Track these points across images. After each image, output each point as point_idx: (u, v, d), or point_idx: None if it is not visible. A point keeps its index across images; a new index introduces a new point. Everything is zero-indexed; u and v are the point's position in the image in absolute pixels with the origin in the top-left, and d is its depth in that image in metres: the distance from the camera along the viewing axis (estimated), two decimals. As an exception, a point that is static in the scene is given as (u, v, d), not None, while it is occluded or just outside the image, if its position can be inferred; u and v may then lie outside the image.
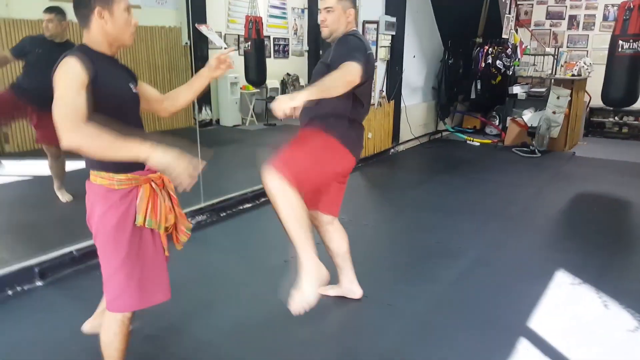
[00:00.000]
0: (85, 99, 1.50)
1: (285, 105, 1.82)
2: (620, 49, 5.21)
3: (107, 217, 1.66)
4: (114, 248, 1.69)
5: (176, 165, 1.50)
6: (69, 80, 1.50)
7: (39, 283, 2.84)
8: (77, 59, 1.53)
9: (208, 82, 2.04)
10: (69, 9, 1.89)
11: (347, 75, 2.03)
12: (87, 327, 2.21)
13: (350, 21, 2.35)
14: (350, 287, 2.69)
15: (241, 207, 4.23)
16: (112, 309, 1.76)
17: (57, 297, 2.73)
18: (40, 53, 3.50)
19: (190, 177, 1.52)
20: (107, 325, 1.81)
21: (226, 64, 2.00)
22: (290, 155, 2.22)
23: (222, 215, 4.05)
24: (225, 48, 7.75)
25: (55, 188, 3.93)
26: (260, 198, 4.42)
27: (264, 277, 3.00)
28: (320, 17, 2.36)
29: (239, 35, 8.00)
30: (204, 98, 7.50)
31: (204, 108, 7.49)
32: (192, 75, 7.47)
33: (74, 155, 1.52)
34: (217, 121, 7.98)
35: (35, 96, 3.43)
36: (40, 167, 4.17)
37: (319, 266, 2.09)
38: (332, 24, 2.31)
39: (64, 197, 3.93)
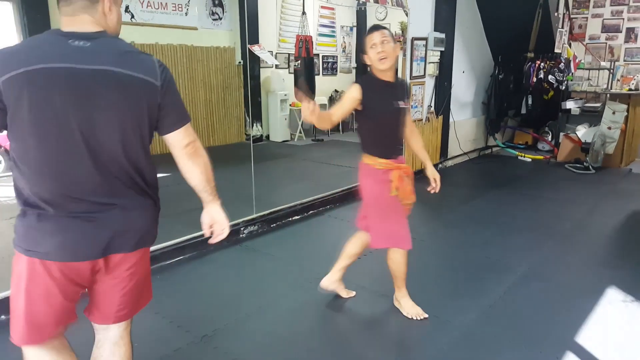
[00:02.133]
0: None
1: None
2: (680, 62, 5.04)
3: (370, 185, 2.57)
4: (375, 206, 2.59)
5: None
6: None
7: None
8: None
9: None
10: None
11: None
12: (325, 283, 2.92)
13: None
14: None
15: (290, 219, 4.38)
16: (377, 244, 2.62)
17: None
18: None
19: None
20: (394, 256, 2.67)
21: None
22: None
23: (272, 226, 4.21)
24: (276, 66, 8.05)
25: None
26: (308, 210, 4.57)
27: (312, 286, 3.10)
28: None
29: (289, 54, 8.27)
30: (255, 114, 7.80)
31: (255, 124, 7.77)
32: (244, 93, 7.82)
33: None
34: (267, 137, 8.24)
35: None
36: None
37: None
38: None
39: None
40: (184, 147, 1.57)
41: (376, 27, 2.47)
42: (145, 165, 1.54)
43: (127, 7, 5.65)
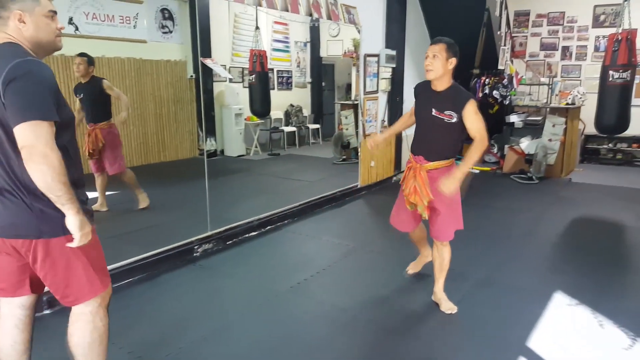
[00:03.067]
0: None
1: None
2: (610, 79, 5.41)
3: None
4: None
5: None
6: None
7: (46, 311, 2.90)
8: None
9: None
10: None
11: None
12: (411, 269, 3.43)
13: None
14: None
15: (247, 235, 4.34)
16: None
17: (66, 326, 2.81)
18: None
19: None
20: (440, 251, 2.99)
21: None
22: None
23: (228, 243, 4.15)
24: (230, 80, 8.02)
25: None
26: (265, 226, 4.55)
27: (271, 303, 3.09)
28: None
29: (243, 68, 8.26)
30: (209, 129, 7.71)
31: (208, 139, 7.68)
32: (197, 107, 7.74)
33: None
34: (222, 152, 8.16)
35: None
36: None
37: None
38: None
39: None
40: (20, 149, 1.56)
41: (435, 41, 2.76)
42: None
43: (70, 19, 5.48)
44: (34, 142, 1.53)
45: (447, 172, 2.74)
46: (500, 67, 7.64)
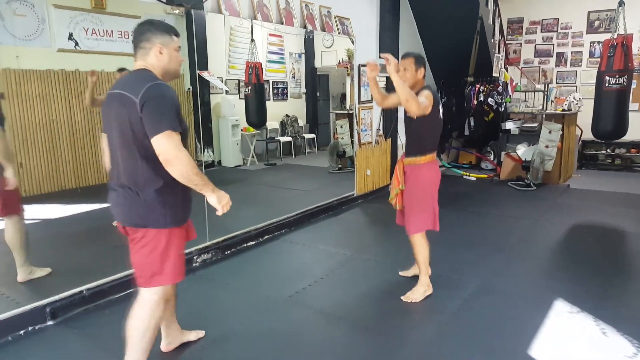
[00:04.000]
0: None
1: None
2: (607, 84, 5.43)
3: None
4: None
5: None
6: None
7: (50, 322, 2.91)
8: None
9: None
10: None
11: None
12: (403, 273, 3.61)
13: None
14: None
15: (245, 245, 4.33)
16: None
17: (68, 336, 2.80)
18: None
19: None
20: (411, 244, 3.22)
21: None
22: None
23: (227, 253, 4.14)
24: (227, 92, 8.03)
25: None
26: (263, 235, 4.53)
27: (269, 313, 3.06)
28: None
29: (239, 80, 8.28)
30: (206, 140, 7.70)
31: (206, 150, 7.67)
32: (195, 119, 7.73)
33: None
34: (219, 162, 8.15)
35: None
36: (48, 211, 4.30)
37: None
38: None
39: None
40: (158, 154, 2.00)
41: (404, 55, 3.12)
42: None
43: (70, 35, 5.50)
44: (168, 147, 1.95)
45: (422, 169, 3.12)
46: (494, 74, 7.68)
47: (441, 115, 3.13)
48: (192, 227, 2.43)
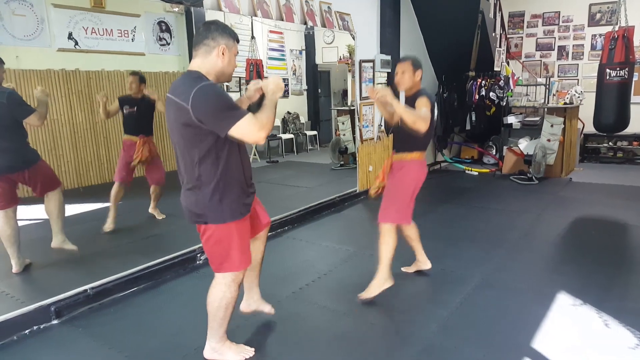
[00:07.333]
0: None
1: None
2: (608, 77, 5.42)
3: None
4: None
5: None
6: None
7: (54, 321, 2.93)
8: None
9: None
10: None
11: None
12: (405, 268, 3.61)
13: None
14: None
15: (248, 243, 4.33)
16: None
17: (73, 335, 2.81)
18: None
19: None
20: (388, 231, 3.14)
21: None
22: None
23: (229, 251, 4.14)
24: (228, 89, 8.01)
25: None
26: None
27: (274, 309, 3.06)
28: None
29: (240, 78, 8.27)
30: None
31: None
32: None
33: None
34: (221, 160, 8.14)
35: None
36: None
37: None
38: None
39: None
40: (240, 143, 2.22)
41: (402, 59, 3.18)
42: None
43: (70, 34, 5.50)
44: (246, 137, 2.08)
45: (409, 165, 3.16)
46: (496, 68, 7.66)
47: (435, 117, 3.12)
48: (260, 215, 2.63)
